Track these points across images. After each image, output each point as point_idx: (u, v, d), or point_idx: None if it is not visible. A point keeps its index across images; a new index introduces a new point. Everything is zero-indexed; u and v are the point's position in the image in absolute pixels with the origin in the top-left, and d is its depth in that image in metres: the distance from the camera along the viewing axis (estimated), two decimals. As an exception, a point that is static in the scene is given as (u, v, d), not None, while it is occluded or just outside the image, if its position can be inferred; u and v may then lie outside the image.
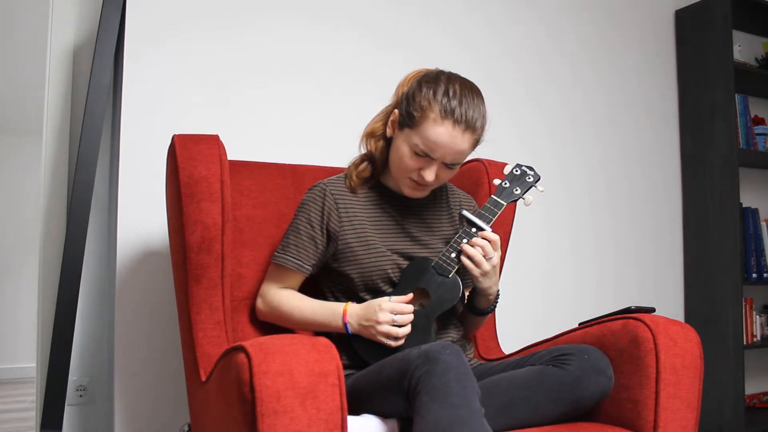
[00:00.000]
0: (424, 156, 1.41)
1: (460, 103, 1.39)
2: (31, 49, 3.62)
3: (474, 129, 1.40)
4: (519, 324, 2.24)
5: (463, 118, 1.38)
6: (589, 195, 2.67)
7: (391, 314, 1.36)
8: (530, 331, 2.03)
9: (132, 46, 1.89)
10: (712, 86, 2.80)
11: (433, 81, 1.43)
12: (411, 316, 1.38)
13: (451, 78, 1.43)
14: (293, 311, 1.47)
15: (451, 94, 1.39)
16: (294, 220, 1.52)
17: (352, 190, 1.52)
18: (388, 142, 1.52)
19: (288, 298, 1.48)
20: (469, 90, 1.42)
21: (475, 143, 1.44)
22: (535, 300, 2.50)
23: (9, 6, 3.28)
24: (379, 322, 1.36)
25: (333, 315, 1.43)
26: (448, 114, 1.38)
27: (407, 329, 1.37)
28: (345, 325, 1.41)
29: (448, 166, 1.43)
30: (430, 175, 1.42)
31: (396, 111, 1.47)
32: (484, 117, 1.43)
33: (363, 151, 1.56)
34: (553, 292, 2.55)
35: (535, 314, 2.47)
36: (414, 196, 1.50)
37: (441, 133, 1.38)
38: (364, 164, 1.54)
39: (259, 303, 1.53)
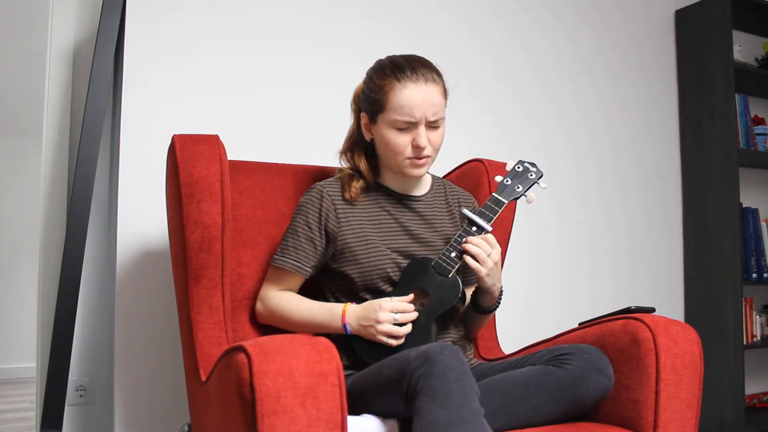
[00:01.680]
0: (408, 126, 1.43)
1: (410, 64, 1.44)
2: (31, 49, 3.62)
3: (434, 79, 1.45)
4: (519, 324, 2.24)
5: (420, 72, 1.43)
6: (590, 195, 2.67)
7: (392, 313, 1.36)
8: (530, 331, 2.03)
9: (132, 46, 1.89)
10: (712, 86, 2.80)
11: (376, 68, 1.49)
12: (412, 315, 1.38)
13: (389, 56, 1.50)
14: (292, 313, 1.47)
15: (397, 64, 1.45)
16: (292, 222, 1.52)
17: (350, 202, 1.51)
18: (367, 150, 1.55)
19: (287, 300, 1.48)
20: (408, 56, 1.48)
21: (444, 92, 1.48)
22: (535, 300, 2.49)
23: (9, 6, 3.28)
24: (379, 321, 1.36)
25: (332, 316, 1.43)
26: (405, 77, 1.43)
27: (408, 328, 1.38)
28: (344, 325, 1.41)
29: (433, 126, 1.45)
30: (422, 139, 1.43)
31: (363, 114, 1.51)
32: (435, 67, 1.48)
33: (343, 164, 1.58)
34: (554, 292, 2.55)
35: (535, 314, 2.47)
36: (419, 174, 1.49)
37: (409, 94, 1.42)
38: (355, 180, 1.53)
39: (259, 306, 1.53)
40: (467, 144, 2.37)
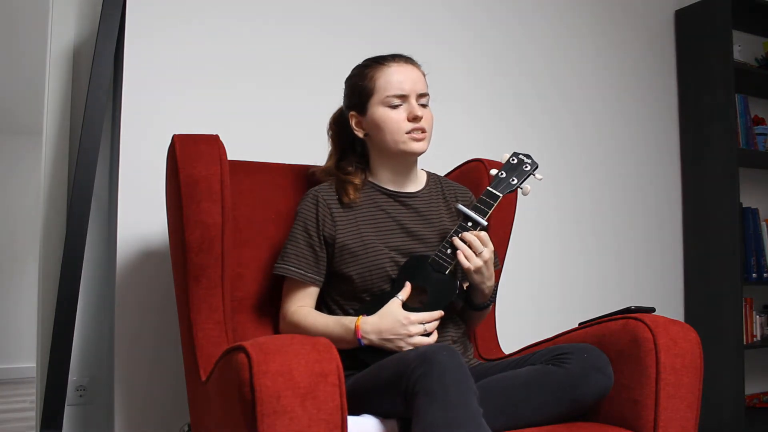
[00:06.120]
0: (401, 101, 1.48)
1: (389, 55, 1.53)
2: (31, 49, 3.62)
3: (413, 61, 1.54)
4: (519, 324, 2.24)
5: (399, 58, 1.52)
6: (590, 195, 2.67)
7: (421, 325, 1.36)
8: (530, 331, 2.03)
9: (132, 46, 1.89)
10: (712, 86, 2.80)
11: (356, 69, 1.56)
12: (437, 323, 1.39)
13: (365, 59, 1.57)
14: (309, 330, 1.44)
15: (377, 57, 1.54)
16: (292, 230, 1.53)
17: (348, 205, 1.52)
18: (354, 149, 1.59)
19: (303, 318, 1.47)
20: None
21: (424, 75, 1.54)
22: (535, 300, 2.50)
23: (9, 6, 3.28)
24: (410, 335, 1.35)
25: (345, 331, 1.40)
26: (388, 61, 1.51)
27: (435, 335, 1.39)
28: (359, 340, 1.39)
29: (422, 104, 1.50)
30: (417, 109, 1.47)
31: (351, 113, 1.54)
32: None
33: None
34: (554, 292, 2.55)
35: (535, 314, 2.47)
36: (420, 149, 1.50)
37: (395, 70, 1.49)
38: (349, 184, 1.53)
39: (281, 324, 1.52)
40: (467, 144, 2.37)
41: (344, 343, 1.39)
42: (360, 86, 1.52)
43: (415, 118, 1.47)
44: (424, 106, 1.51)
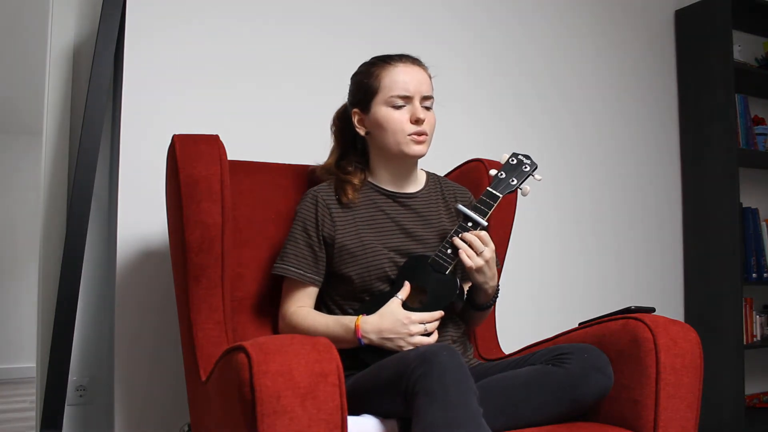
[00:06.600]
0: (404, 102, 1.47)
1: (396, 54, 1.52)
2: (31, 49, 3.62)
3: (420, 63, 1.53)
4: (519, 324, 2.24)
5: (406, 58, 1.52)
6: (590, 195, 2.67)
7: (422, 324, 1.36)
8: (530, 331, 2.03)
9: (132, 46, 1.89)
10: (712, 86, 2.80)
11: (363, 66, 1.56)
12: (437, 323, 1.39)
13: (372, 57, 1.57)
14: (308, 330, 1.44)
15: (384, 56, 1.53)
16: (291, 230, 1.53)
17: (347, 205, 1.51)
18: (355, 147, 1.59)
19: (303, 318, 1.47)
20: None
21: (430, 77, 1.53)
22: (535, 300, 2.49)
23: (9, 6, 3.28)
24: (411, 334, 1.35)
25: (345, 330, 1.40)
26: (394, 60, 1.50)
27: (436, 335, 1.39)
28: (359, 340, 1.39)
29: (425, 106, 1.50)
30: (420, 112, 1.47)
31: (354, 110, 1.54)
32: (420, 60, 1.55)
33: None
34: (554, 292, 2.55)
35: (535, 314, 2.47)
36: (420, 152, 1.50)
37: (401, 70, 1.49)
38: (348, 183, 1.53)
39: (280, 324, 1.52)
40: (467, 144, 2.37)
41: (344, 342, 1.39)
42: (365, 84, 1.51)
43: (417, 121, 1.47)
44: (427, 108, 1.50)
